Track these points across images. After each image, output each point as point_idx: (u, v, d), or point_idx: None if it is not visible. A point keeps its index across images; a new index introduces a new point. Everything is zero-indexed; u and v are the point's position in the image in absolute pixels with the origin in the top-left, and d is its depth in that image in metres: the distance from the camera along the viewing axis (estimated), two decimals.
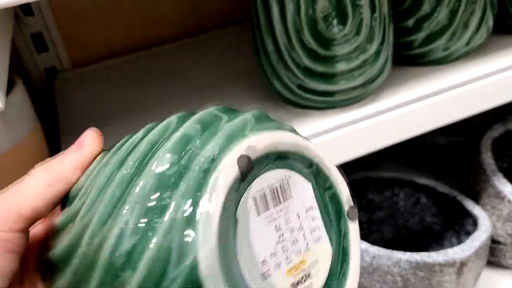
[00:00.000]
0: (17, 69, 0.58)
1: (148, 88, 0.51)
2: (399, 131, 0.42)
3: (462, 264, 0.43)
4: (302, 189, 0.20)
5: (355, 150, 0.41)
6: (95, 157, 0.21)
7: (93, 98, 0.51)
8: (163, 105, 0.47)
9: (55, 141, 0.44)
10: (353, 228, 0.22)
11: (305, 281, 0.20)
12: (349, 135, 0.40)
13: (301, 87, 0.39)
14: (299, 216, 0.20)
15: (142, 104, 0.48)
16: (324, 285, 0.20)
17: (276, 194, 0.19)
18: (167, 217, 0.16)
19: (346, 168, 0.57)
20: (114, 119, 0.46)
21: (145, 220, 0.16)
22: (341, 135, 0.40)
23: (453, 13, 0.42)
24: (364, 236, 0.60)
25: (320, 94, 0.40)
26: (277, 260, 0.19)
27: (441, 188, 0.55)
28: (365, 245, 0.45)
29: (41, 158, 0.39)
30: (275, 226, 0.19)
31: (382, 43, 0.39)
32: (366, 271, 0.44)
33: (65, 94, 0.54)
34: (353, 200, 0.22)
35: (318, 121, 0.41)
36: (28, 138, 0.37)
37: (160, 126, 0.19)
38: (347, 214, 0.21)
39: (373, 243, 0.58)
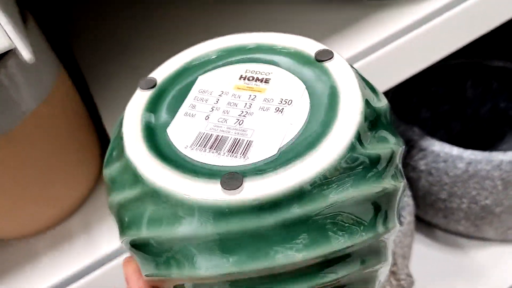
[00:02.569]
0: None
1: (168, 8, 0.46)
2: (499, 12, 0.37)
3: None
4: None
5: (451, 44, 0.36)
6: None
7: (108, 28, 0.46)
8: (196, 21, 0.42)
9: (79, 84, 0.39)
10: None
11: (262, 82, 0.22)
12: (441, 26, 0.35)
13: None
14: None
15: (167, 27, 0.43)
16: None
17: None
18: None
19: None
20: (138, 46, 0.41)
21: None
22: (432, 28, 0.35)
23: None
24: (430, 134, 0.57)
25: None
26: None
27: None
28: (457, 150, 0.41)
29: (74, 107, 0.35)
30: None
31: None
32: (460, 179, 0.41)
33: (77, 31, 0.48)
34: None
35: (402, 15, 0.35)
36: (56, 85, 0.32)
37: None
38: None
39: (441, 139, 0.54)
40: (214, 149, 0.20)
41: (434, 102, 0.56)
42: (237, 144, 0.20)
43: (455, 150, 0.42)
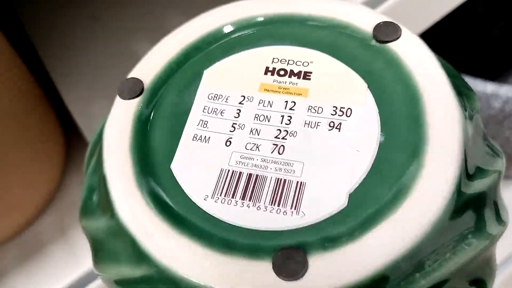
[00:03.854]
0: None
1: None
2: None
3: None
4: None
5: None
6: None
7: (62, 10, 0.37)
8: None
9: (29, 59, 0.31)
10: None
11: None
12: None
13: None
14: None
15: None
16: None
17: None
18: None
19: None
20: (106, 10, 0.33)
21: None
22: None
23: None
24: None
25: None
26: None
27: None
28: (491, 87, 0.35)
29: (22, 85, 0.27)
30: None
31: None
32: (494, 120, 0.36)
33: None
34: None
35: None
36: None
37: None
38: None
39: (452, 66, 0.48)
40: (249, 199, 0.13)
41: (441, 23, 0.49)
42: (282, 188, 0.13)
43: (489, 87, 0.36)
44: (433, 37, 0.50)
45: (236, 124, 0.15)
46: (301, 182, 0.13)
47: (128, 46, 0.26)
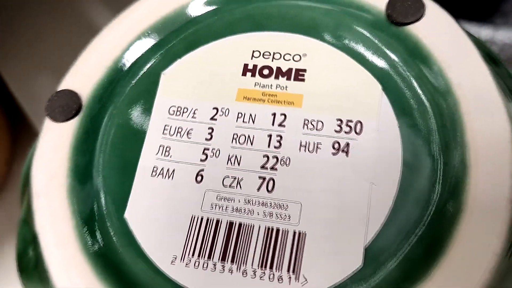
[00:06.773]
0: None
1: None
2: None
3: None
4: None
5: None
6: None
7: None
8: None
9: None
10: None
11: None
12: None
13: None
14: None
15: None
16: None
17: None
18: None
19: None
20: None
21: None
22: None
23: None
24: None
25: None
26: None
27: None
28: (486, 31, 0.31)
29: None
30: None
31: None
32: None
33: None
34: None
35: None
36: None
37: None
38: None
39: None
40: (232, 260, 0.10)
41: None
42: (274, 242, 0.10)
43: (483, 33, 0.32)
44: None
45: (208, 149, 0.11)
46: (299, 233, 0.10)
47: (78, 9, 0.22)
